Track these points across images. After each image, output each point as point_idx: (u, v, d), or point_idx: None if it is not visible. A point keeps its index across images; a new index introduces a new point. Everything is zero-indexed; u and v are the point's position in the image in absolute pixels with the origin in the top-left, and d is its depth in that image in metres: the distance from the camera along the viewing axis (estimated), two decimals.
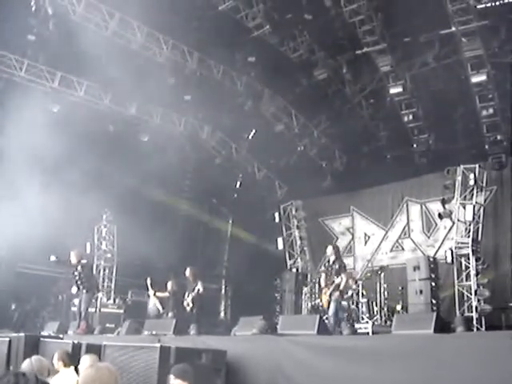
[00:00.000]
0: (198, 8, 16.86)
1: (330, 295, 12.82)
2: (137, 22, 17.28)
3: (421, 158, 18.85)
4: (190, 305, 15.17)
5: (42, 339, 11.16)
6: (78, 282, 15.10)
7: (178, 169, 21.68)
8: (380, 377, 8.15)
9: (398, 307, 16.44)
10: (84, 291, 15.03)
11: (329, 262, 13.46)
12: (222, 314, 24.97)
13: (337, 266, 13.17)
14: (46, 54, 17.26)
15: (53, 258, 15.26)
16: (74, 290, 15.34)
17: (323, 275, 13.53)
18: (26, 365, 5.87)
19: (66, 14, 16.48)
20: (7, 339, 10.99)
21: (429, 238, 19.49)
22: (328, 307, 12.92)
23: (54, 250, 19.02)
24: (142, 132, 19.84)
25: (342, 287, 12.91)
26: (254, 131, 21.41)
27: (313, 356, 9.21)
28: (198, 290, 15.07)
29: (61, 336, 12.85)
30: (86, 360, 7.42)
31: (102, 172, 17.62)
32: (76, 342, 9.73)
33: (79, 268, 15.08)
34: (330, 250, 13.49)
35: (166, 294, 16.59)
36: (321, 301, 14.31)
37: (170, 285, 16.61)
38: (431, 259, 17.07)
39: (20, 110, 16.39)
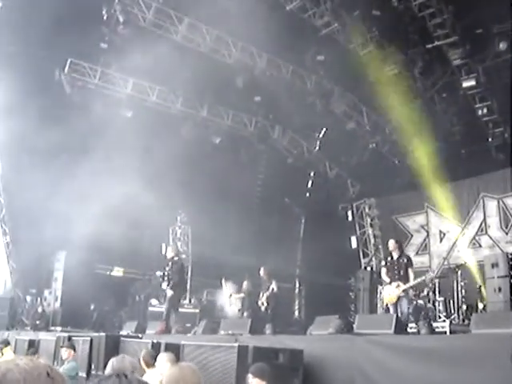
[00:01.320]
0: (265, 9, 16.91)
1: (404, 291, 12.55)
2: (205, 26, 17.51)
3: (497, 152, 18.39)
4: (265, 304, 15.24)
5: (122, 339, 11.42)
6: (165, 279, 14.66)
7: (250, 169, 21.83)
8: (458, 377, 8.00)
9: (480, 305, 16.06)
10: (169, 290, 14.51)
11: (392, 257, 13.14)
12: (297, 313, 24.98)
13: (405, 260, 12.87)
14: (118, 60, 17.70)
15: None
16: (164, 285, 15.06)
17: (384, 270, 13.21)
18: (118, 363, 5.97)
19: (137, 21, 16.86)
20: (89, 338, 11.31)
21: (507, 234, 18.97)
22: (395, 304, 12.66)
23: (130, 251, 19.57)
24: (214, 134, 20.07)
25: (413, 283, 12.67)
26: (324, 130, 21.35)
27: (390, 355, 9.11)
28: (273, 289, 15.12)
29: (140, 335, 13.12)
30: (162, 358, 7.53)
31: (177, 174, 17.88)
32: (155, 341, 9.91)
33: (170, 264, 14.67)
34: (392, 243, 13.09)
35: (242, 295, 16.71)
36: (383, 297, 13.92)
37: (245, 285, 16.74)
38: (510, 256, 16.61)
39: (95, 116, 16.87)
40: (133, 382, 1.89)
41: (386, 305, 13.18)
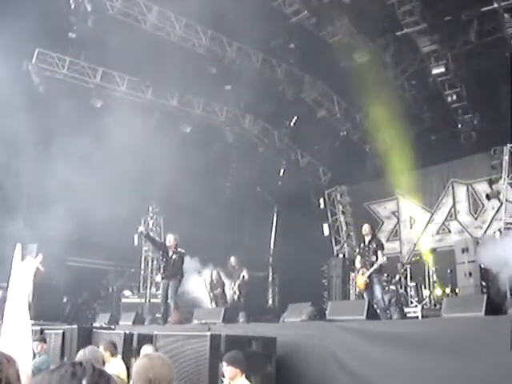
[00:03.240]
0: None
1: (370, 276, 12.66)
2: (175, 14, 17.39)
3: (466, 139, 18.57)
4: (237, 293, 15.26)
5: (94, 330, 11.38)
6: (168, 268, 14.24)
7: (221, 158, 21.79)
8: (430, 361, 8.09)
9: (447, 290, 16.28)
10: (172, 278, 14.15)
11: (364, 242, 13.27)
12: (270, 302, 25.06)
13: (374, 245, 12.97)
14: (86, 50, 17.50)
15: (141, 229, 14.85)
16: (159, 277, 14.69)
17: (358, 257, 13.34)
18: (80, 355, 6.00)
19: (105, 10, 16.68)
20: (61, 331, 11.25)
21: (476, 219, 19.19)
22: (365, 290, 12.79)
23: (102, 243, 19.45)
24: (185, 123, 19.98)
25: (381, 265, 12.74)
26: (295, 118, 21.36)
27: (363, 341, 9.19)
28: (243, 276, 15.15)
29: (112, 327, 13.07)
30: (147, 350, 7.57)
31: (147, 164, 17.78)
32: (128, 332, 9.89)
33: (175, 256, 14.27)
34: (366, 228, 13.21)
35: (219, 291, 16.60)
36: (353, 286, 14.08)
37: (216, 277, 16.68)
38: (479, 241, 16.82)
39: (64, 107, 16.66)
40: (87, 369, 1.85)
41: (359, 291, 13.30)
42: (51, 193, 15.81)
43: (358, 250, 14.05)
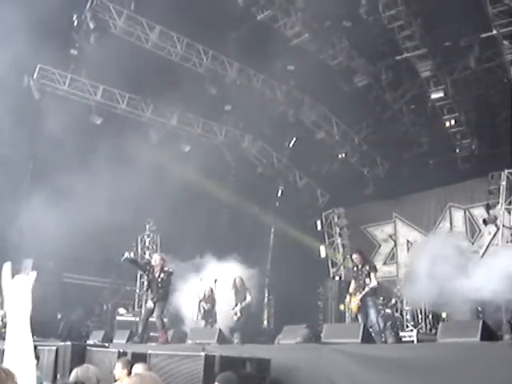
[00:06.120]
0: (236, 18, 16.99)
1: (364, 299, 12.68)
2: (177, 34, 17.50)
3: (464, 164, 18.63)
4: (238, 314, 15.20)
5: (88, 348, 11.30)
6: (153, 288, 13.92)
7: (220, 178, 21.80)
8: None
9: (444, 315, 16.21)
10: (159, 300, 13.84)
11: (357, 266, 13.34)
12: (265, 323, 24.93)
13: (367, 268, 13.02)
14: (88, 67, 17.58)
15: (126, 255, 14.68)
16: (150, 303, 14.29)
17: (352, 282, 13.41)
18: (73, 375, 5.95)
19: (107, 28, 16.78)
20: (54, 348, 11.16)
21: (473, 244, 19.18)
22: (358, 312, 12.81)
23: (98, 260, 19.41)
24: (184, 142, 20.01)
25: (375, 288, 12.78)
26: (294, 139, 21.42)
27: (358, 365, 9.14)
28: (248, 300, 15.16)
29: (106, 345, 12.98)
30: (138, 369, 7.49)
31: (146, 182, 17.79)
32: (122, 350, 9.82)
33: (162, 275, 13.90)
34: (355, 257, 13.37)
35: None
36: (349, 308, 14.04)
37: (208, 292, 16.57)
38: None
39: (64, 123, 16.70)
40: None
41: (356, 314, 13.29)
42: (47, 208, 15.79)
43: (351, 274, 14.11)
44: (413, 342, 14.11)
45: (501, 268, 12.25)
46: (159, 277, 13.91)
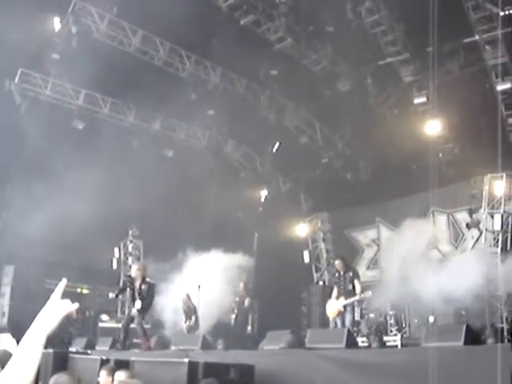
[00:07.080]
0: (219, 23, 16.96)
1: (345, 306, 12.84)
2: (159, 38, 17.44)
3: (447, 168, 18.68)
4: (235, 316, 15.46)
5: (70, 355, 11.19)
6: (138, 298, 13.58)
7: (203, 183, 21.74)
8: None
9: (431, 319, 16.22)
10: (140, 310, 13.60)
11: (339, 273, 13.44)
12: (249, 328, 24.84)
13: (350, 274, 13.17)
14: (70, 72, 17.46)
15: (112, 295, 14.19)
16: (138, 304, 13.66)
17: (335, 288, 13.54)
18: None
19: (90, 33, 16.69)
20: None
21: (456, 248, 19.23)
22: (337, 317, 12.94)
23: (80, 266, 19.25)
24: (167, 147, 19.93)
25: (358, 294, 12.91)
26: (278, 144, 21.41)
27: (342, 370, 9.11)
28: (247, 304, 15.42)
29: (89, 352, 12.86)
30: (120, 376, 7.39)
31: (128, 188, 17.68)
32: (104, 358, 9.72)
33: (143, 286, 13.60)
34: (338, 263, 13.65)
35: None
36: (327, 313, 14.07)
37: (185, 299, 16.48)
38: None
39: (46, 127, 16.57)
40: None
41: (333, 319, 13.39)
42: (28, 214, 15.66)
43: (334, 280, 14.23)
44: (397, 346, 14.11)
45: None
46: (140, 288, 13.72)
